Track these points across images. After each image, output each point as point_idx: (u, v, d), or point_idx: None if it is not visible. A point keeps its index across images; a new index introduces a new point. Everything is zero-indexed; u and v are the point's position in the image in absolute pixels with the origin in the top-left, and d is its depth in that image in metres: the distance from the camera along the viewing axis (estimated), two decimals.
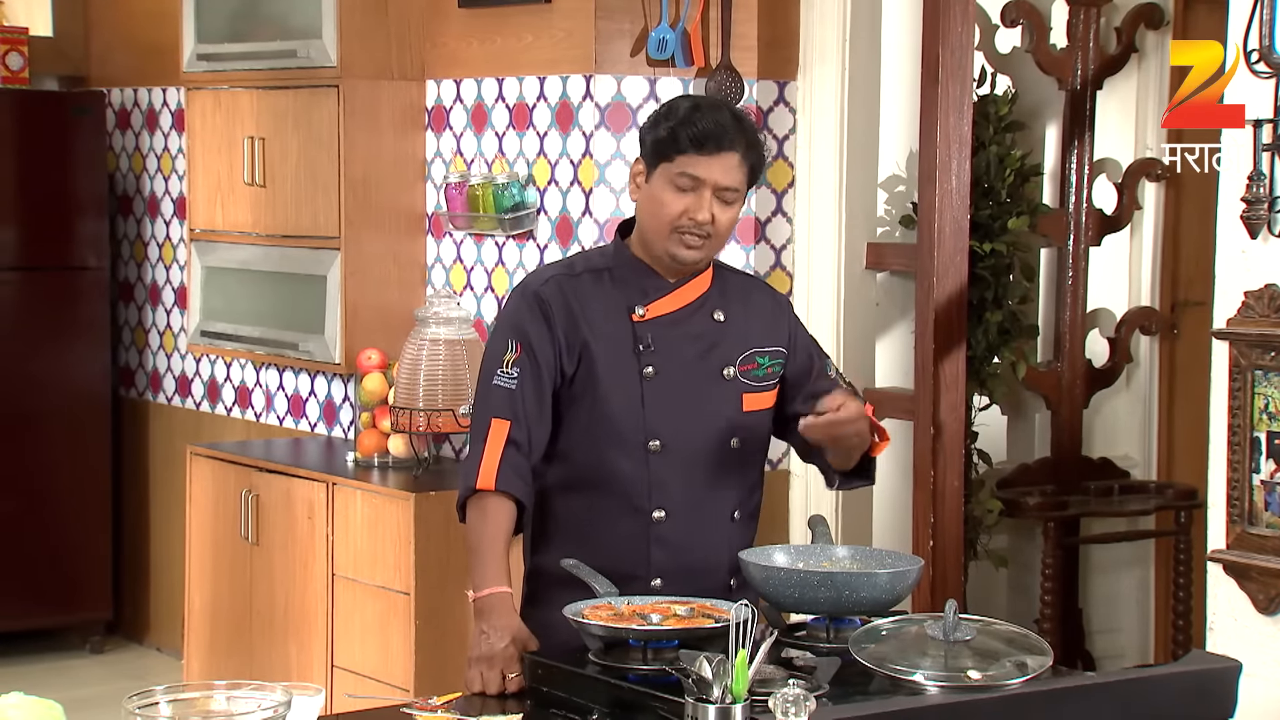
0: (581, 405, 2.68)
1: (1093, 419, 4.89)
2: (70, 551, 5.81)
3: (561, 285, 2.70)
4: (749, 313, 2.77)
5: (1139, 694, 2.36)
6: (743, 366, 2.74)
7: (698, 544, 2.69)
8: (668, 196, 2.65)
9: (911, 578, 2.56)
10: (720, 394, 2.71)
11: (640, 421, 2.66)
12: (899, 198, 4.53)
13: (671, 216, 2.64)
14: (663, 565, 2.67)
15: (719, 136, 2.63)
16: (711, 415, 2.69)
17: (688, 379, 2.69)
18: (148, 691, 2.17)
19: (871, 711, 2.22)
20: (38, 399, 5.74)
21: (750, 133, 2.68)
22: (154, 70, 5.81)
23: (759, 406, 2.74)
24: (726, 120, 2.65)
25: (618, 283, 2.71)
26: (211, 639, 4.91)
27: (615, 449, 2.66)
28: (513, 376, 2.66)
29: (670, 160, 2.64)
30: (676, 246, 2.66)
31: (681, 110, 2.66)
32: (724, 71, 4.41)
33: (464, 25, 4.73)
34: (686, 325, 2.71)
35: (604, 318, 2.69)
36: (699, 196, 2.63)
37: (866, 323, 4.52)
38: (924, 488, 4.17)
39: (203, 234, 5.32)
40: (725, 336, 2.73)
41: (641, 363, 2.68)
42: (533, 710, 2.37)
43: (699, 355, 2.71)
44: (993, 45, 4.74)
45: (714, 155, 2.62)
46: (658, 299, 2.70)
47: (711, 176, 2.63)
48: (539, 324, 2.67)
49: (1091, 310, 4.84)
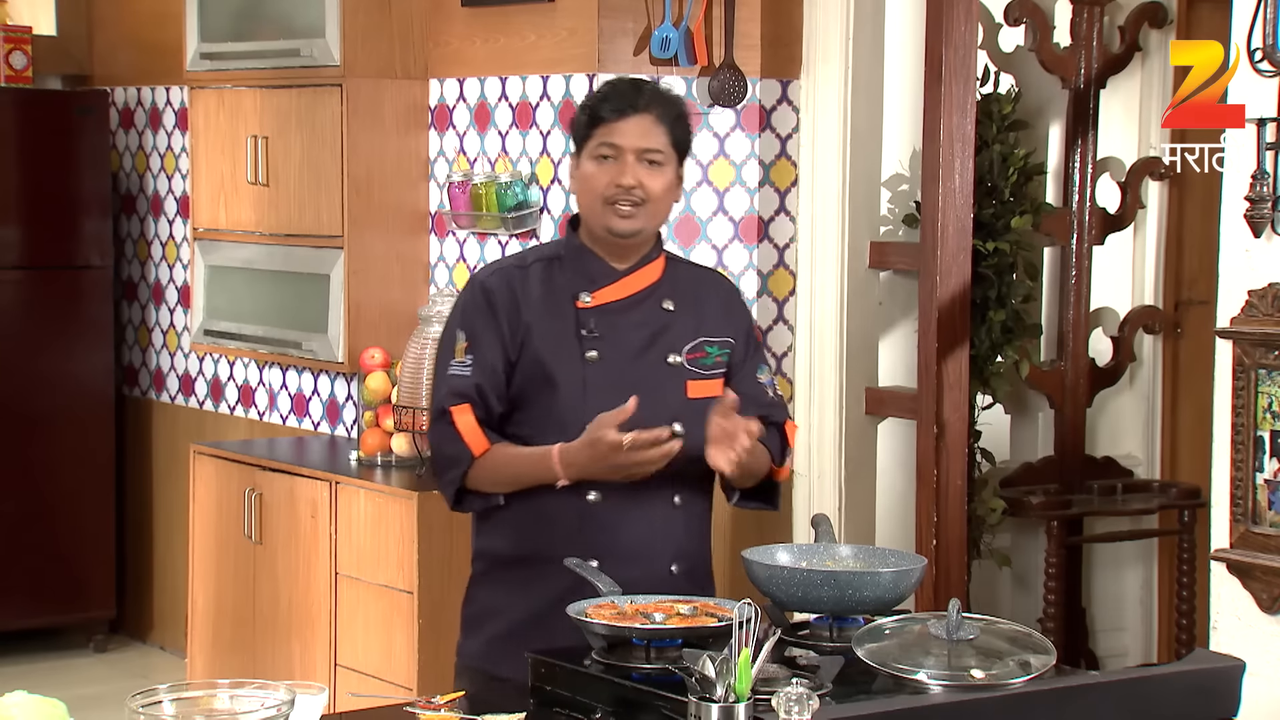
0: (527, 391, 2.72)
1: (1096, 418, 4.89)
2: (74, 550, 5.82)
3: (507, 276, 2.76)
4: (700, 303, 2.81)
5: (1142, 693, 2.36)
6: (690, 355, 2.77)
7: (634, 527, 2.71)
8: (594, 169, 2.71)
9: (914, 577, 2.56)
10: (664, 381, 2.74)
11: (581, 406, 2.69)
12: (902, 196, 4.53)
13: (599, 188, 2.70)
14: (599, 547, 2.69)
15: (628, 100, 2.70)
16: (653, 401, 2.69)
17: (631, 365, 2.73)
18: (151, 690, 2.17)
19: (874, 710, 2.22)
20: (42, 398, 5.75)
21: (664, 96, 2.74)
22: (158, 69, 5.81)
23: (705, 394, 2.76)
24: (637, 86, 2.74)
25: (567, 271, 2.75)
26: (215, 638, 4.91)
27: (556, 433, 2.68)
28: (466, 365, 2.73)
29: (591, 137, 2.72)
30: (610, 218, 2.71)
31: (596, 91, 2.76)
32: (727, 70, 4.41)
33: (467, 24, 4.73)
34: (633, 313, 2.75)
35: (549, 305, 2.73)
36: (621, 163, 2.69)
37: (869, 322, 4.52)
38: (927, 487, 4.17)
39: (206, 233, 5.32)
40: (673, 325, 2.77)
41: (584, 348, 2.71)
42: (536, 709, 2.37)
43: (644, 342, 2.74)
44: (996, 44, 4.74)
45: (626, 119, 2.69)
46: (605, 286, 2.74)
47: (628, 141, 2.69)
48: (484, 314, 2.73)
49: (1095, 309, 4.84)
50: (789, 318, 4.59)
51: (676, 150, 2.73)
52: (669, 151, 2.72)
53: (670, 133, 2.71)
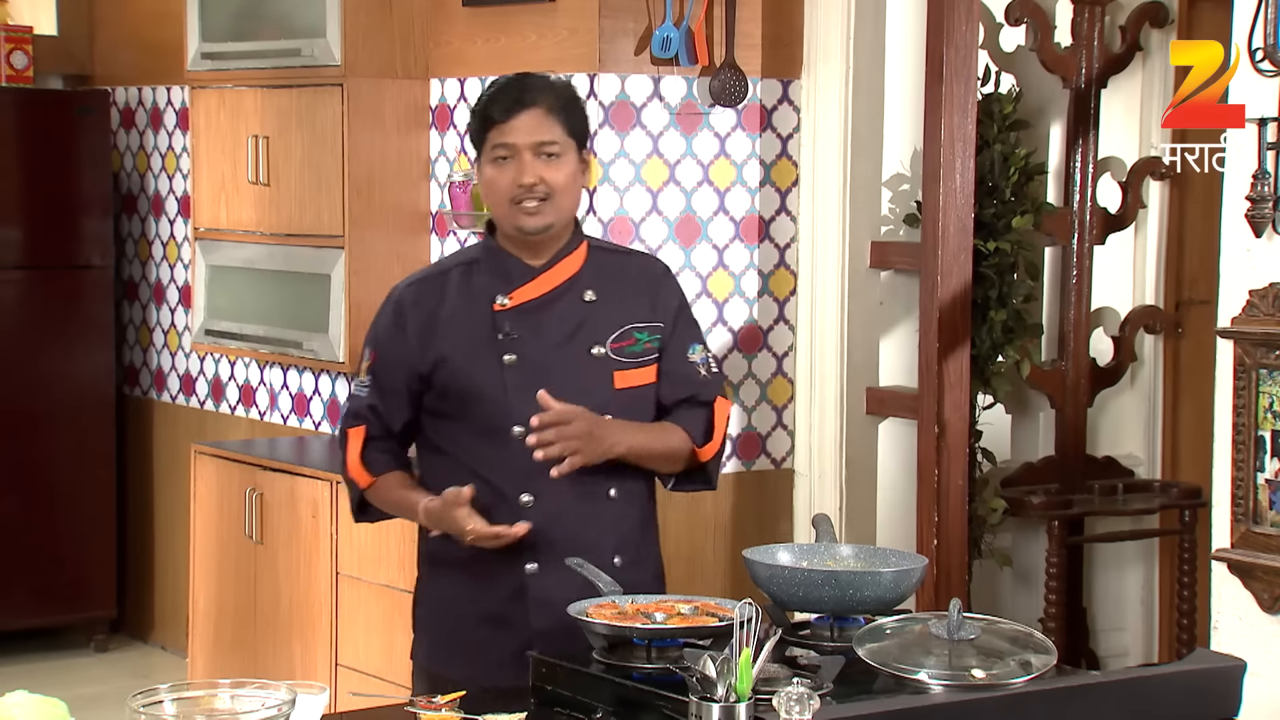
0: (449, 401, 2.73)
1: (1097, 418, 4.89)
2: (75, 550, 5.82)
3: (422, 288, 2.77)
4: (625, 289, 2.78)
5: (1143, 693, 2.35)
6: (616, 344, 2.75)
7: (571, 525, 2.71)
8: (494, 173, 2.71)
9: (915, 577, 2.56)
10: (589, 374, 2.73)
11: (504, 409, 2.69)
12: (903, 196, 4.53)
13: (502, 190, 2.70)
14: (536, 549, 2.70)
15: (515, 97, 2.69)
16: (578, 396, 2.69)
17: (553, 362, 2.71)
18: (152, 690, 2.17)
19: (875, 710, 2.22)
20: (42, 398, 5.75)
21: (551, 86, 2.73)
22: (158, 69, 5.81)
23: (633, 383, 2.76)
24: (522, 81, 2.73)
25: (485, 274, 2.75)
26: (216, 637, 4.91)
27: (483, 438, 2.70)
28: (364, 385, 2.78)
29: (485, 141, 2.71)
30: (519, 218, 2.70)
31: (482, 95, 2.75)
32: (728, 70, 4.41)
33: (468, 24, 4.73)
34: (553, 309, 2.74)
35: (466, 312, 2.73)
36: (519, 162, 2.69)
37: (870, 321, 4.52)
38: (928, 486, 4.17)
39: (207, 233, 5.32)
40: (596, 316, 2.75)
41: (500, 352, 2.71)
42: (536, 709, 2.37)
43: (566, 337, 2.73)
44: (997, 44, 4.73)
45: (516, 116, 2.68)
46: (523, 285, 2.74)
47: (520, 138, 2.68)
48: (392, 329, 2.76)
49: (1096, 309, 4.84)
50: (790, 317, 4.59)
51: (574, 138, 2.71)
52: (565, 140, 2.70)
53: (564, 122, 2.70)
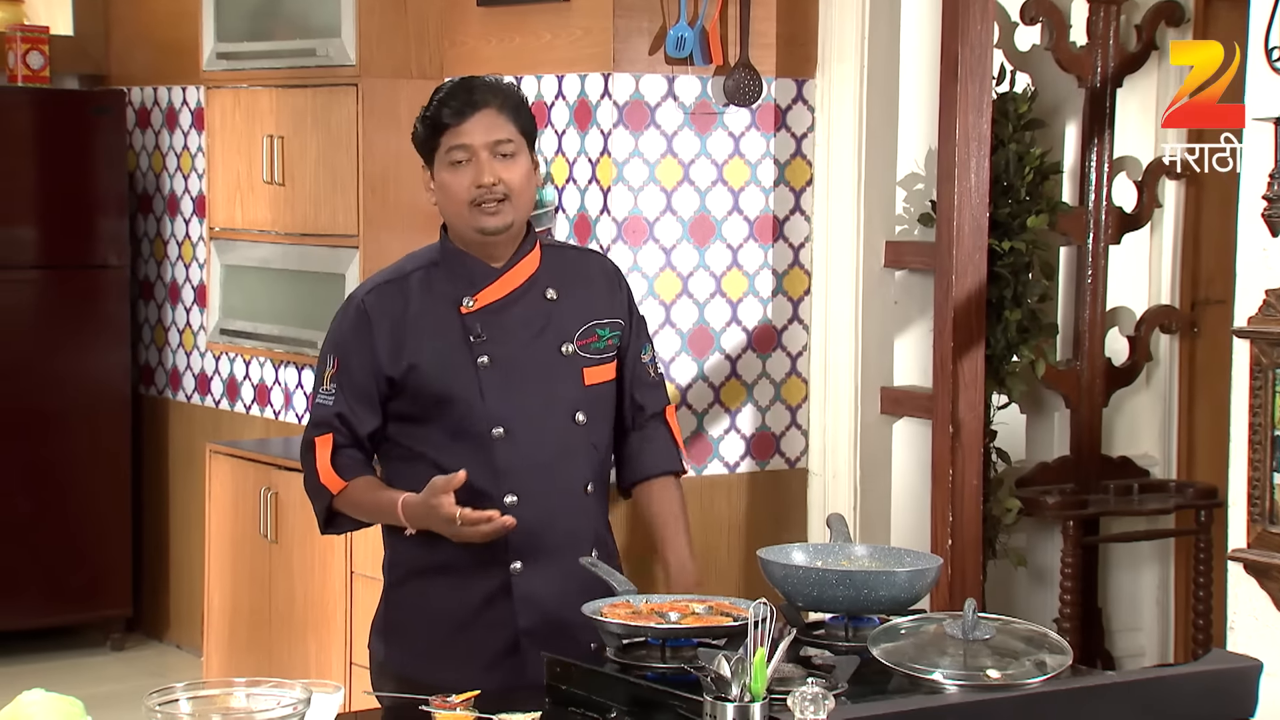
0: (421, 405, 2.71)
1: (1112, 417, 4.88)
2: (90, 549, 5.83)
3: (385, 292, 2.74)
4: (583, 286, 2.80)
5: (1159, 693, 2.35)
6: (581, 341, 2.77)
7: (554, 523, 2.71)
8: (449, 177, 2.70)
9: (930, 576, 2.55)
10: (560, 372, 2.74)
11: (481, 411, 2.69)
12: (918, 196, 4.53)
13: (461, 193, 2.69)
14: (521, 548, 2.70)
15: (465, 99, 2.69)
16: (553, 394, 2.71)
17: (525, 362, 2.72)
18: (168, 688, 2.18)
19: (890, 710, 2.22)
20: (58, 397, 5.76)
21: (499, 87, 2.73)
22: (174, 69, 5.83)
23: (600, 379, 2.78)
24: (470, 84, 2.73)
25: (447, 277, 2.74)
26: (231, 636, 4.92)
27: (460, 442, 2.68)
28: (329, 393, 2.73)
29: (438, 146, 2.71)
30: (479, 219, 2.70)
31: (431, 100, 2.74)
32: (742, 69, 4.41)
33: (482, 24, 4.73)
34: (517, 308, 2.74)
35: (432, 316, 2.72)
36: (476, 163, 2.69)
37: (885, 321, 4.51)
38: (942, 486, 4.17)
39: (222, 232, 5.33)
40: (559, 313, 2.76)
41: (475, 353, 2.70)
42: (551, 708, 2.37)
43: (534, 336, 2.74)
44: (1012, 43, 4.73)
45: (469, 117, 2.68)
46: (485, 287, 2.73)
47: (476, 138, 2.68)
48: (358, 336, 2.72)
49: (1111, 308, 4.83)
50: (804, 317, 4.59)
51: (525, 137, 2.73)
52: (519, 139, 2.71)
53: (515, 121, 2.71)
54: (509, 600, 2.70)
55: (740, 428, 4.52)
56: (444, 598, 2.73)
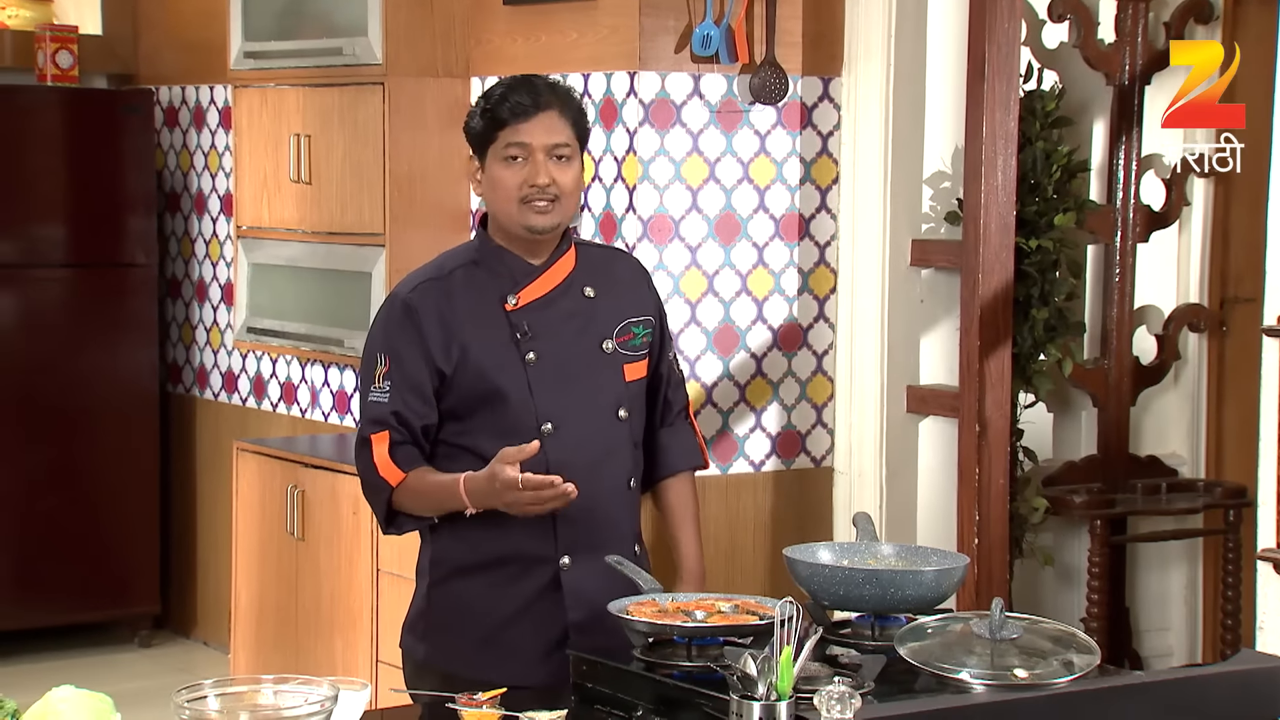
0: (470, 405, 2.72)
1: (1140, 416, 4.86)
2: (118, 546, 5.86)
3: (430, 290, 2.75)
4: (617, 285, 2.83)
5: (1187, 693, 2.34)
6: (619, 338, 2.80)
7: (602, 518, 2.74)
8: (503, 173, 2.72)
9: (957, 575, 2.55)
10: (603, 368, 2.77)
11: (531, 407, 2.71)
12: (944, 194, 4.52)
13: (513, 189, 2.71)
14: (570, 543, 2.72)
15: (531, 99, 2.71)
16: (598, 390, 2.75)
17: (570, 358, 2.75)
18: (196, 685, 2.19)
19: (917, 709, 2.22)
20: (86, 395, 5.79)
21: (562, 91, 2.76)
22: (202, 68, 5.85)
23: (637, 376, 2.82)
24: (534, 84, 2.74)
25: (488, 274, 2.76)
26: (258, 633, 4.94)
27: (511, 437, 2.68)
28: (383, 391, 2.72)
29: (495, 140, 2.72)
30: (528, 216, 2.71)
31: (492, 94, 2.75)
32: (768, 68, 4.41)
33: (509, 22, 4.74)
34: (559, 305, 2.76)
35: (478, 313, 2.73)
36: (532, 162, 2.70)
37: (911, 319, 4.50)
38: (969, 485, 4.16)
39: (249, 231, 5.35)
40: (598, 311, 2.79)
41: (522, 350, 2.72)
42: (577, 707, 2.37)
43: (577, 333, 2.76)
44: (1040, 40, 4.71)
45: (532, 118, 2.70)
46: (527, 284, 2.75)
47: (536, 139, 2.70)
48: (407, 334, 2.72)
49: (1139, 307, 4.81)
50: (830, 316, 4.58)
51: (580, 142, 2.76)
52: (574, 144, 2.75)
53: (574, 125, 2.74)
54: (558, 594, 2.72)
55: (766, 426, 4.52)
56: (490, 594, 2.74)
